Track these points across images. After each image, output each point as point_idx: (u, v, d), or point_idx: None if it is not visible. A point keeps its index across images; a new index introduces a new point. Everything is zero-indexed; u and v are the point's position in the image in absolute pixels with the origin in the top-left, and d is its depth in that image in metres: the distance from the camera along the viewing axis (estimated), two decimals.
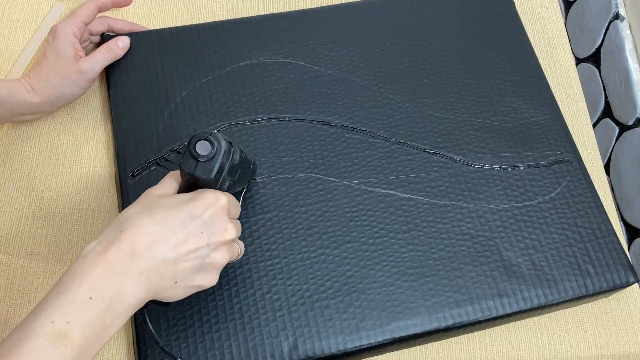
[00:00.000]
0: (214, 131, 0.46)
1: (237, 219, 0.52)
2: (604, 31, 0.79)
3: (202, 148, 0.46)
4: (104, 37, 0.67)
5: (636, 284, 0.62)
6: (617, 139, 0.77)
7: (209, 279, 0.47)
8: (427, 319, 0.55)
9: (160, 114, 0.63)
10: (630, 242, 0.74)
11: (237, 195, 0.56)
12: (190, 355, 0.53)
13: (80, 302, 0.40)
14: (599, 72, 0.80)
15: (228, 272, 0.56)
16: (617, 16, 0.77)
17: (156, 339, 0.47)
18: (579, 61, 0.85)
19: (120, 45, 0.65)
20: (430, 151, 0.63)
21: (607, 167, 0.79)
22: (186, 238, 0.44)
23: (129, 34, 0.67)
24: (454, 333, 0.57)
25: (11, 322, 0.57)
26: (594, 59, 0.82)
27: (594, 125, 0.81)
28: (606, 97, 0.79)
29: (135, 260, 0.42)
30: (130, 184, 0.60)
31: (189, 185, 0.48)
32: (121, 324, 0.42)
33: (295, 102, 0.65)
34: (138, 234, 0.43)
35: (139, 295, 0.42)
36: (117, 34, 0.68)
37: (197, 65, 0.66)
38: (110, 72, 0.66)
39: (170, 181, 0.49)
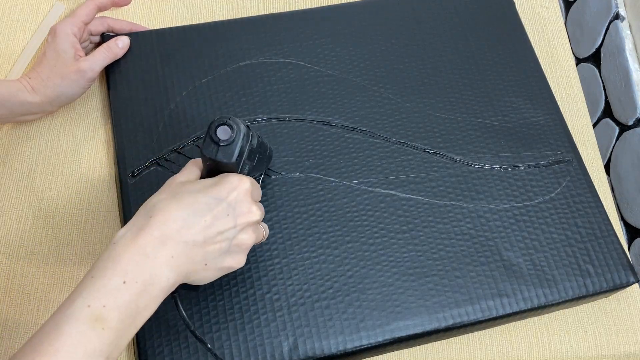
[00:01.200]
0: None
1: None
2: (604, 31, 0.79)
3: (223, 132, 0.47)
4: (104, 37, 0.67)
5: (636, 284, 0.62)
6: (617, 139, 0.77)
7: (237, 260, 0.48)
8: (427, 319, 0.55)
9: (160, 114, 0.63)
10: (630, 242, 0.74)
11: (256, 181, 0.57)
12: (190, 355, 0.53)
13: (115, 286, 0.41)
14: (599, 72, 0.80)
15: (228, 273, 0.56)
16: (617, 16, 0.77)
17: (187, 323, 0.48)
18: (579, 61, 0.85)
19: (119, 45, 0.65)
20: (430, 151, 0.63)
21: (607, 167, 0.79)
22: (213, 221, 0.45)
23: (129, 34, 0.67)
24: (454, 333, 0.57)
25: (11, 322, 0.57)
26: (594, 59, 0.82)
27: (594, 125, 0.81)
28: (606, 97, 0.79)
29: (166, 245, 0.43)
30: (130, 184, 0.60)
31: (211, 170, 0.49)
32: (155, 307, 0.43)
33: (295, 102, 0.65)
34: (167, 219, 0.44)
35: (171, 278, 0.43)
36: (117, 34, 0.68)
37: (197, 65, 0.66)
38: (110, 72, 0.66)
39: (192, 168, 0.50)
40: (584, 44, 0.84)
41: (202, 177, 0.50)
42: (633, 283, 0.58)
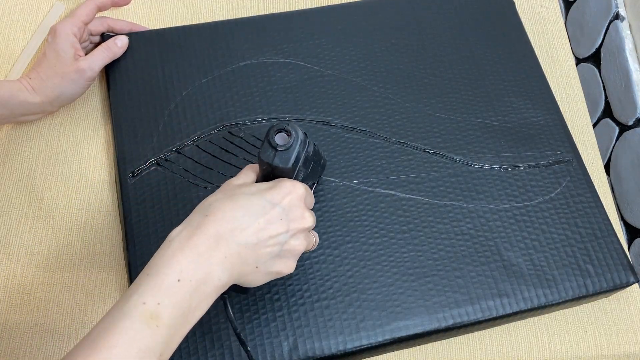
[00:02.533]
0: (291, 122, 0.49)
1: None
2: (604, 31, 0.79)
3: (281, 138, 0.48)
4: (104, 37, 0.67)
5: (636, 284, 0.62)
6: (617, 139, 0.77)
7: (287, 266, 0.48)
8: (427, 319, 0.55)
9: (160, 114, 0.63)
10: (630, 242, 0.74)
11: None
12: (190, 355, 0.53)
13: (169, 284, 0.41)
14: (599, 72, 0.81)
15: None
16: (617, 16, 0.77)
17: (234, 326, 0.48)
18: (579, 61, 0.85)
19: (118, 44, 0.65)
20: (430, 151, 0.63)
21: (607, 167, 0.79)
22: (266, 224, 0.46)
23: (129, 34, 0.67)
24: (454, 333, 0.57)
25: (11, 322, 0.57)
26: (594, 59, 0.82)
27: (594, 125, 0.81)
28: (606, 97, 0.79)
29: (220, 244, 0.43)
30: (130, 184, 0.60)
31: (267, 175, 0.50)
32: (207, 307, 0.43)
33: (295, 102, 0.65)
34: (222, 219, 0.44)
35: (223, 278, 0.44)
36: (117, 34, 0.68)
37: (197, 65, 0.66)
38: (110, 72, 0.66)
39: (249, 172, 0.51)
40: (584, 44, 0.84)
41: (257, 181, 0.51)
42: (633, 283, 0.58)
